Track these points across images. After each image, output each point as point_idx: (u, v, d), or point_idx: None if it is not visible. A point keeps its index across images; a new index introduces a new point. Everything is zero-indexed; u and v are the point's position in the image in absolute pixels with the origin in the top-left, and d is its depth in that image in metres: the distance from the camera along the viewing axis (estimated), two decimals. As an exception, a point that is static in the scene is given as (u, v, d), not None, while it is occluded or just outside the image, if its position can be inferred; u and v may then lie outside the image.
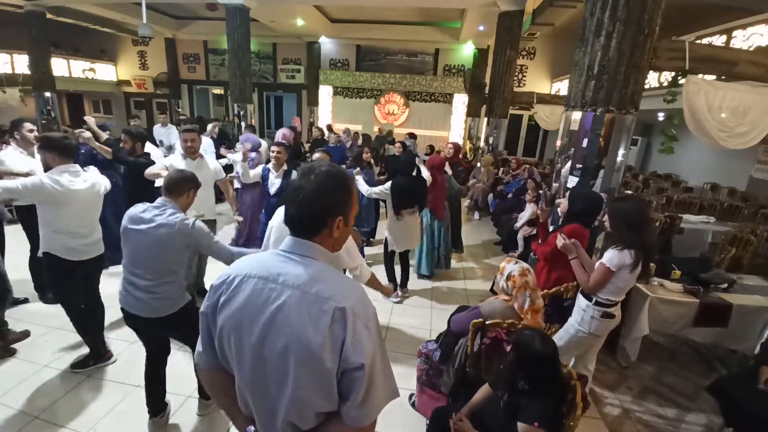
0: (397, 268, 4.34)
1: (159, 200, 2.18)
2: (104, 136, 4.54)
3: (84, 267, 2.79)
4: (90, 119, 4.14)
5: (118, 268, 2.27)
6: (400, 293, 4.25)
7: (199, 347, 1.14)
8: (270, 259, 1.05)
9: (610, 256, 2.29)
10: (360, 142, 8.44)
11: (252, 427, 1.10)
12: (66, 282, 2.79)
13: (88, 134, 3.89)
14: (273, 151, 3.95)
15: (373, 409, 1.00)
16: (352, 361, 0.95)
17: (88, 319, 2.92)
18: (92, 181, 2.74)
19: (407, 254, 4.31)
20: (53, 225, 2.61)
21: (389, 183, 3.96)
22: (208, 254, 2.25)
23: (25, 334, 3.18)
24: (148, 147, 4.27)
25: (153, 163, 3.74)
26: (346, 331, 0.95)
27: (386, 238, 4.17)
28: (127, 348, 3.15)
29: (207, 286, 3.95)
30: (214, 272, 4.14)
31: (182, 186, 2.22)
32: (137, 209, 2.13)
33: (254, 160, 5.07)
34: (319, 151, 3.70)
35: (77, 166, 2.69)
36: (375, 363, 0.99)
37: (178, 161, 3.56)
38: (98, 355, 2.93)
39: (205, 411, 2.56)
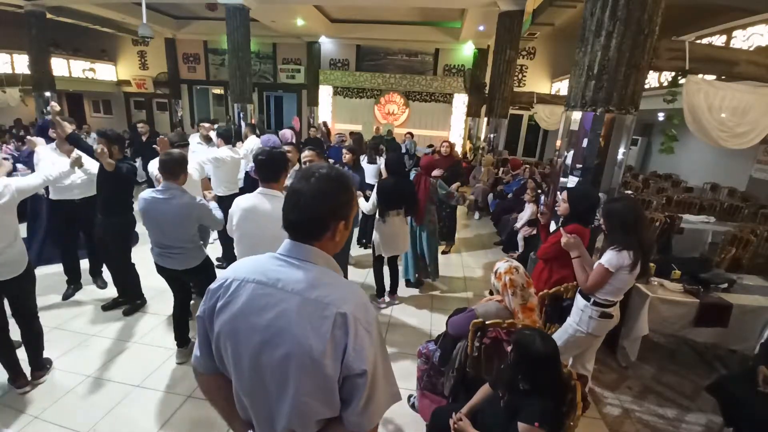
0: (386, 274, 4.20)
1: (164, 183, 2.69)
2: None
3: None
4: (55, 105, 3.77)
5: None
6: (387, 299, 4.13)
7: (196, 351, 1.12)
8: (268, 263, 1.03)
9: (609, 257, 2.29)
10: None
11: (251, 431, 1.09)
12: None
13: (57, 107, 3.48)
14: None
15: (375, 414, 0.99)
16: (354, 368, 0.94)
17: (5, 341, 2.60)
18: None
19: (395, 259, 4.16)
20: None
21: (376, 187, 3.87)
22: (208, 224, 2.90)
23: None
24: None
25: (128, 167, 3.43)
26: (347, 337, 0.93)
27: (373, 242, 4.01)
28: (126, 348, 3.15)
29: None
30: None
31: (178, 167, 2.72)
32: (147, 193, 2.69)
33: None
34: (308, 149, 3.61)
35: None
36: (377, 368, 0.98)
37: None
38: (12, 380, 2.63)
39: (182, 359, 3.00)
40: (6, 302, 2.61)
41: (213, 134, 5.28)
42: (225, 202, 3.73)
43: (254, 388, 1.01)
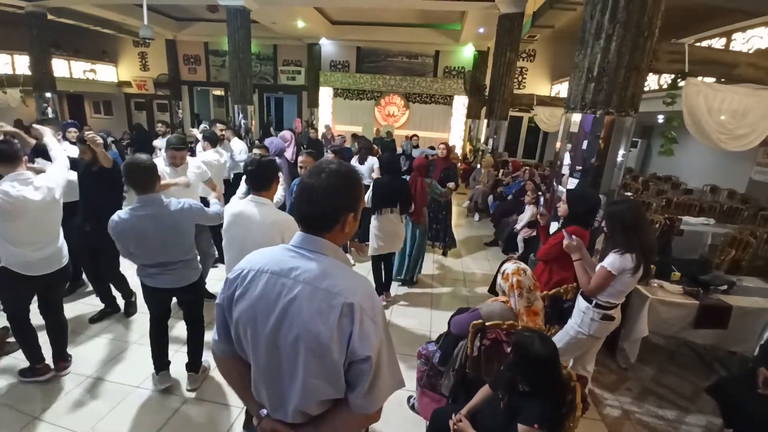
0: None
1: (141, 198, 2.33)
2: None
3: (39, 282, 2.55)
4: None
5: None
6: (384, 298, 4.18)
7: (215, 336, 1.21)
8: (281, 255, 1.10)
9: (612, 260, 2.28)
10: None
11: (264, 410, 1.16)
12: (13, 293, 2.56)
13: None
14: (255, 154, 3.76)
15: (379, 398, 1.06)
16: (358, 354, 1.00)
17: (30, 330, 2.68)
18: (46, 186, 2.46)
19: (391, 259, 4.21)
20: (8, 238, 2.38)
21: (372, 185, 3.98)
22: (204, 222, 2.60)
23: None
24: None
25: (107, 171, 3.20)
26: (353, 325, 1.00)
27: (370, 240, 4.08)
28: (127, 348, 3.15)
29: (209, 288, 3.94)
30: (216, 275, 4.11)
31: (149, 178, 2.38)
32: (123, 213, 2.32)
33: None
34: (304, 154, 3.65)
35: (28, 173, 2.43)
36: (381, 355, 1.04)
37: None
38: (34, 370, 2.70)
39: (194, 385, 2.75)
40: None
41: (199, 135, 5.23)
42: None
43: (269, 369, 1.09)
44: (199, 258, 3.82)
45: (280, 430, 1.11)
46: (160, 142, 7.15)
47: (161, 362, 2.72)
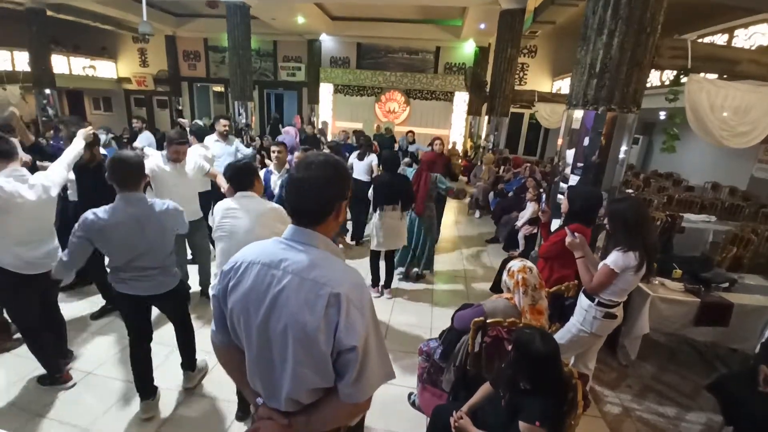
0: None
1: (124, 196, 2.18)
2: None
3: (37, 281, 2.48)
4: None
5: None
6: (380, 291, 4.22)
7: (213, 326, 1.24)
8: (273, 247, 1.13)
9: (615, 258, 2.27)
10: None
11: (261, 399, 1.18)
12: (18, 298, 2.48)
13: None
14: (273, 151, 3.88)
15: (367, 388, 1.07)
16: (345, 343, 1.02)
17: (44, 340, 2.63)
18: (41, 185, 2.43)
19: (392, 255, 4.22)
20: (2, 236, 2.33)
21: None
22: (179, 228, 2.46)
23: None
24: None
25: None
26: (339, 315, 1.02)
27: (371, 236, 4.13)
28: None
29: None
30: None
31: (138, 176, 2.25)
32: (101, 213, 2.16)
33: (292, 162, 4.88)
34: (300, 150, 3.70)
35: (23, 170, 2.40)
36: (368, 345, 1.06)
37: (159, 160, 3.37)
38: (53, 379, 2.65)
39: (191, 383, 2.75)
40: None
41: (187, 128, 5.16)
42: (201, 198, 3.71)
43: (262, 359, 1.12)
44: (192, 257, 3.86)
45: (276, 418, 1.13)
46: (141, 140, 7.10)
47: (146, 388, 2.50)
